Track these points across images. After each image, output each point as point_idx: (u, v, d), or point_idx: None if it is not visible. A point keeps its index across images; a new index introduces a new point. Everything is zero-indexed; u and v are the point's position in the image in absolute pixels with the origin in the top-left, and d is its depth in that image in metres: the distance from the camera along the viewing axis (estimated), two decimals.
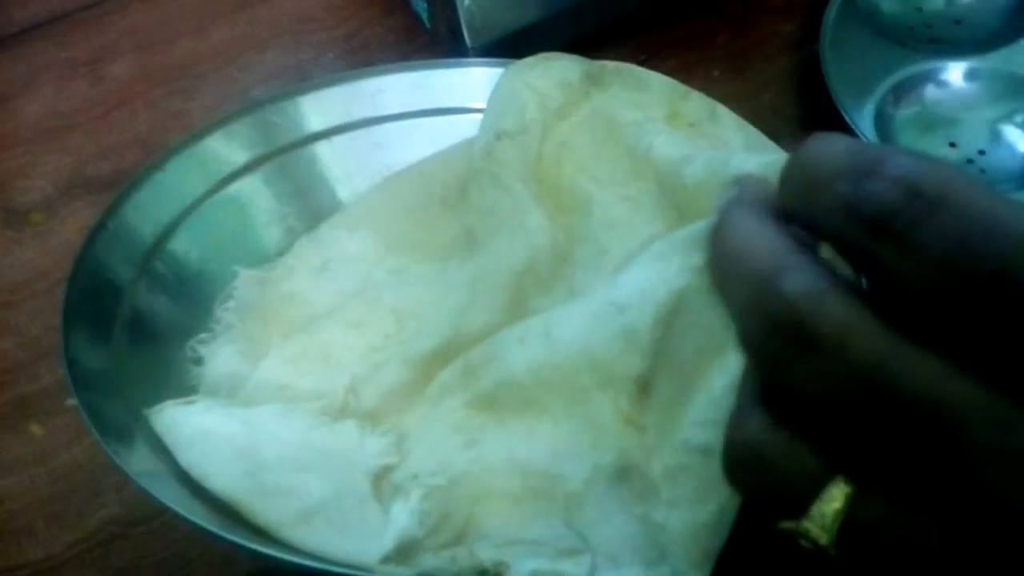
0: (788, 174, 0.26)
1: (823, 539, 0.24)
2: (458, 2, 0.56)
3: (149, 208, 0.46)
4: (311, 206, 0.50)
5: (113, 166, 0.60)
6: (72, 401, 0.50)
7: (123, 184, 0.58)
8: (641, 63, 0.52)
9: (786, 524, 0.25)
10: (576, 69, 0.49)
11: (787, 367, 0.24)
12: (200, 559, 0.46)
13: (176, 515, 0.36)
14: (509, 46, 0.57)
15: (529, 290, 0.44)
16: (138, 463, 0.38)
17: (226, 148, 0.49)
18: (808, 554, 0.25)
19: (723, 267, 0.26)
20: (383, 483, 0.38)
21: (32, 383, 0.52)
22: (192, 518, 0.36)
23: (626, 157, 0.46)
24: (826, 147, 0.25)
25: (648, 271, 0.39)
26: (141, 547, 0.47)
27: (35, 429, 0.51)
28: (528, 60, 0.49)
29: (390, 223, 0.50)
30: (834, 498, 0.24)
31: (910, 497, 0.23)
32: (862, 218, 0.23)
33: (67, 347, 0.39)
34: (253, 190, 0.49)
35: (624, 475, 0.35)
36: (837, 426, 0.24)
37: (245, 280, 0.46)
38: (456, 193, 0.50)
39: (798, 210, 0.26)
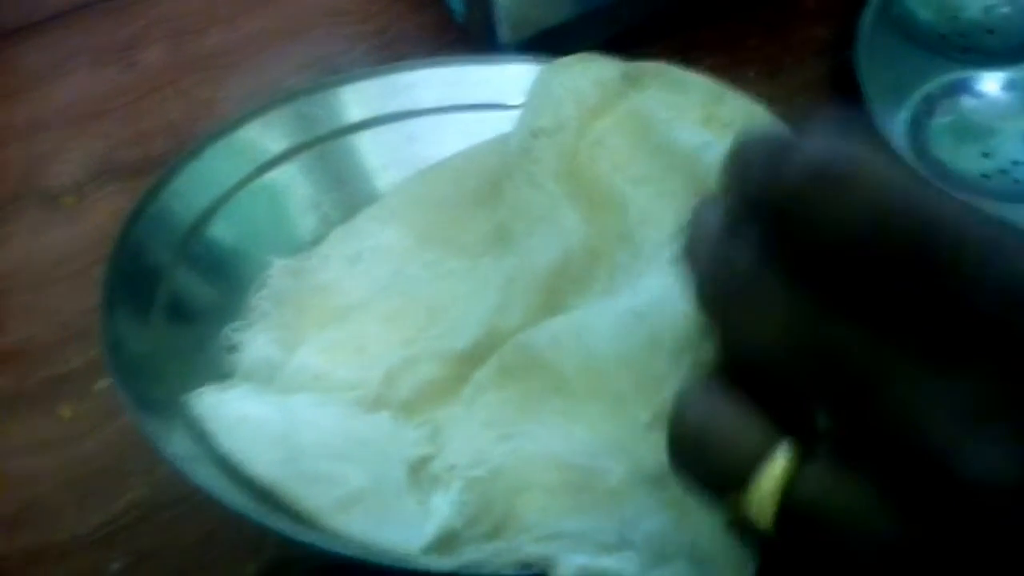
0: (721, 173, 0.27)
1: (763, 517, 0.25)
2: None
3: (186, 194, 0.46)
4: (346, 196, 0.50)
5: (143, 152, 0.61)
6: (103, 383, 0.51)
7: (153, 171, 0.58)
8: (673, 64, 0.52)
9: (730, 505, 0.25)
10: (613, 69, 0.49)
11: (739, 326, 0.25)
12: (227, 544, 0.46)
13: (211, 496, 0.36)
14: (542, 44, 0.57)
15: (564, 290, 0.44)
16: (173, 445, 0.38)
17: (263, 137, 0.49)
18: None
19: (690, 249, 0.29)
20: (420, 474, 0.38)
21: (62, 366, 0.52)
22: (226, 500, 0.36)
23: (659, 154, 0.46)
24: (752, 142, 0.26)
25: (664, 276, 0.39)
26: (168, 531, 0.47)
27: (64, 411, 0.51)
28: (565, 60, 0.49)
29: (423, 217, 0.50)
30: (776, 466, 0.24)
31: (850, 467, 0.24)
32: (771, 201, 0.24)
33: (106, 327, 0.39)
34: (289, 178, 0.50)
35: (664, 480, 0.35)
36: (784, 383, 0.25)
37: (280, 269, 0.46)
38: (489, 189, 0.50)
39: (731, 205, 0.27)
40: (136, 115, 0.62)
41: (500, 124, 0.51)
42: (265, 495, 0.37)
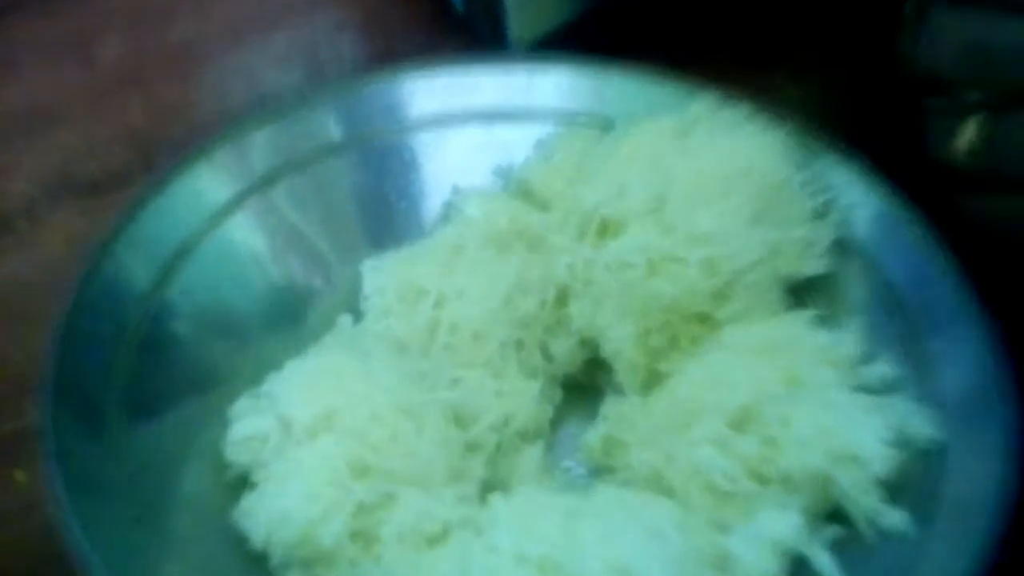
0: None
1: None
2: None
3: (147, 242, 0.41)
4: (334, 229, 0.46)
5: (101, 165, 0.54)
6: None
7: (112, 187, 0.53)
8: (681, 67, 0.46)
9: None
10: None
11: None
12: None
13: None
14: (549, 42, 0.53)
15: None
16: None
17: (222, 172, 0.44)
18: None
19: None
20: None
21: (15, 421, 0.46)
22: None
23: None
24: None
25: None
26: None
27: (19, 476, 0.45)
28: None
29: None
30: None
31: None
32: None
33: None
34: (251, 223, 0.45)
35: None
36: None
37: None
38: None
39: None
40: (94, 120, 0.56)
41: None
42: None
